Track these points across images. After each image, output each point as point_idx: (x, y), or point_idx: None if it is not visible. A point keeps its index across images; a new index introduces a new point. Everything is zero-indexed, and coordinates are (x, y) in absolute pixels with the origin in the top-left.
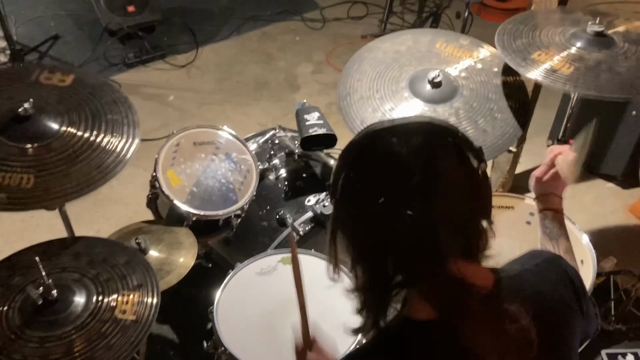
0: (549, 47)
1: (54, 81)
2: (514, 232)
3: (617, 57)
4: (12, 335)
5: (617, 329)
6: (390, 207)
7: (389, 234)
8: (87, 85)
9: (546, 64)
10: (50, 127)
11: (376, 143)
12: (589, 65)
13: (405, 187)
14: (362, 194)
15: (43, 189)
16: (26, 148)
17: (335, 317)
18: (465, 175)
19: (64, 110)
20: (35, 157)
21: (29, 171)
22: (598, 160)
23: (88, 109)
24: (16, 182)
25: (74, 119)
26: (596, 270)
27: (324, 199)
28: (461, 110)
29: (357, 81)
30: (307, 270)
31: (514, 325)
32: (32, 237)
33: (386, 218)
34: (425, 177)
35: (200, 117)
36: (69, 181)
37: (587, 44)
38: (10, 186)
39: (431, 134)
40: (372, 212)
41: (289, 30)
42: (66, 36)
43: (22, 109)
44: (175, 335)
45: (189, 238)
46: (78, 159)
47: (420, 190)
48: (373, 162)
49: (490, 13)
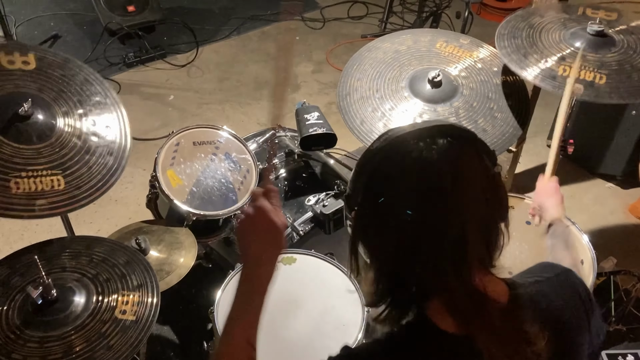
0: (565, 60)
1: (18, 64)
2: (514, 232)
3: (631, 54)
4: (12, 335)
5: (617, 330)
6: (420, 214)
7: (418, 243)
8: (52, 65)
9: (582, 80)
10: (50, 122)
11: (401, 149)
12: (615, 69)
13: (435, 192)
14: (387, 202)
15: (75, 187)
16: (38, 147)
17: (335, 317)
18: (486, 178)
19: (51, 100)
20: (51, 155)
21: (55, 172)
22: (598, 160)
23: (72, 95)
24: (49, 186)
25: (65, 110)
26: (596, 270)
27: (324, 199)
28: (461, 110)
29: (357, 81)
30: (307, 270)
31: (529, 348)
32: (32, 237)
33: (415, 226)
34: (454, 181)
35: (200, 116)
36: (94, 174)
37: (593, 45)
38: (45, 191)
39: (455, 138)
40: (399, 222)
41: (289, 29)
42: (66, 36)
43: (21, 109)
44: (176, 335)
45: (189, 238)
46: (91, 151)
47: (450, 194)
48: (399, 168)
49: (490, 13)
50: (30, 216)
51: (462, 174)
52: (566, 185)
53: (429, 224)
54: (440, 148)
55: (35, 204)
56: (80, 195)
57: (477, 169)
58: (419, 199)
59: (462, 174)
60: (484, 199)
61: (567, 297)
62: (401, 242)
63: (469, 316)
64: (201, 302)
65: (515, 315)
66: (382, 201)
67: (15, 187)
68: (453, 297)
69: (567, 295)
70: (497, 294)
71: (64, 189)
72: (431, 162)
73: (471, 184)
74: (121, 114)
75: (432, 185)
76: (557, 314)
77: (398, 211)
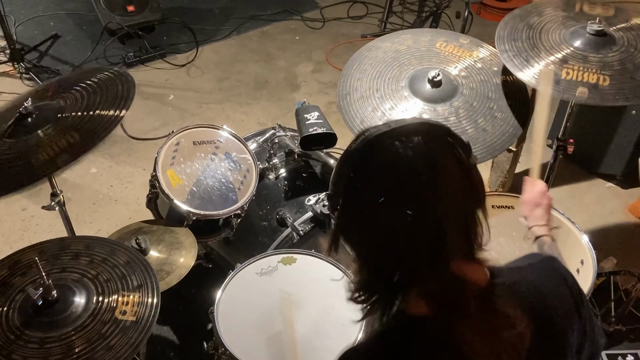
0: (567, 61)
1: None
2: (514, 232)
3: (632, 52)
4: (12, 336)
5: (617, 330)
6: (398, 211)
7: (398, 239)
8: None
9: (586, 83)
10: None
11: (378, 148)
12: (618, 70)
13: (413, 189)
14: (367, 201)
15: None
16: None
17: (335, 317)
18: (461, 170)
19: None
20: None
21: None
22: (598, 160)
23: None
24: (64, 143)
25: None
26: (596, 270)
27: (324, 199)
28: (461, 110)
29: (357, 80)
30: (307, 270)
31: (510, 332)
32: (32, 237)
33: (395, 223)
34: (430, 177)
35: (200, 116)
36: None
37: (594, 45)
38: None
39: (430, 134)
40: (379, 219)
41: (289, 29)
42: (66, 35)
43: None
44: (176, 335)
45: (189, 238)
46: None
47: (426, 190)
48: (377, 167)
49: (490, 13)
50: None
51: (438, 170)
52: (566, 185)
53: (408, 222)
54: (416, 146)
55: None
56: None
57: (452, 164)
58: (397, 197)
59: (438, 170)
60: (460, 191)
61: (552, 284)
62: (381, 240)
63: (443, 301)
64: (201, 302)
65: (490, 300)
66: (361, 201)
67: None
68: (430, 287)
69: (552, 282)
70: (475, 280)
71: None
72: (407, 161)
73: (447, 179)
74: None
75: (410, 184)
76: (541, 300)
77: (377, 211)
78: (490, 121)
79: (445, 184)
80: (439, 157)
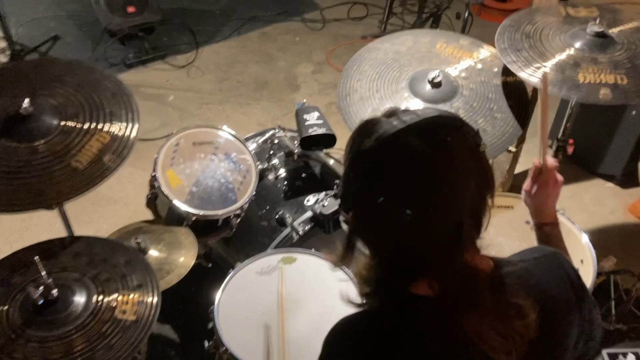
0: (580, 65)
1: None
2: (514, 231)
3: (634, 49)
4: (13, 335)
5: (618, 329)
6: (419, 207)
7: (419, 234)
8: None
9: (605, 84)
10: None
11: (395, 147)
12: (630, 67)
13: (432, 185)
14: (387, 200)
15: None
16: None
17: (335, 317)
18: (474, 159)
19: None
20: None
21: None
22: (598, 160)
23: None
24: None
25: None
26: (596, 270)
27: (324, 199)
28: (461, 110)
29: (357, 81)
30: (308, 270)
31: (519, 321)
32: (32, 237)
33: (416, 219)
34: (448, 171)
35: (199, 117)
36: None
37: (599, 46)
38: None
39: (445, 127)
40: (398, 219)
41: (289, 30)
42: (66, 37)
43: (22, 108)
44: (176, 335)
45: (188, 238)
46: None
47: (445, 184)
48: (396, 166)
49: (490, 13)
50: (109, 174)
51: (455, 164)
52: (566, 185)
53: (427, 218)
54: (433, 142)
55: (104, 162)
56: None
57: (467, 155)
58: (417, 195)
59: (455, 164)
60: (474, 181)
61: (554, 277)
62: (402, 236)
63: (454, 288)
64: (201, 302)
65: (499, 289)
66: (380, 201)
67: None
68: (445, 276)
69: (555, 276)
70: (483, 269)
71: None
72: (425, 158)
73: (464, 171)
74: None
75: (429, 180)
76: (544, 292)
77: (396, 209)
78: (490, 122)
79: (462, 176)
80: (456, 150)
